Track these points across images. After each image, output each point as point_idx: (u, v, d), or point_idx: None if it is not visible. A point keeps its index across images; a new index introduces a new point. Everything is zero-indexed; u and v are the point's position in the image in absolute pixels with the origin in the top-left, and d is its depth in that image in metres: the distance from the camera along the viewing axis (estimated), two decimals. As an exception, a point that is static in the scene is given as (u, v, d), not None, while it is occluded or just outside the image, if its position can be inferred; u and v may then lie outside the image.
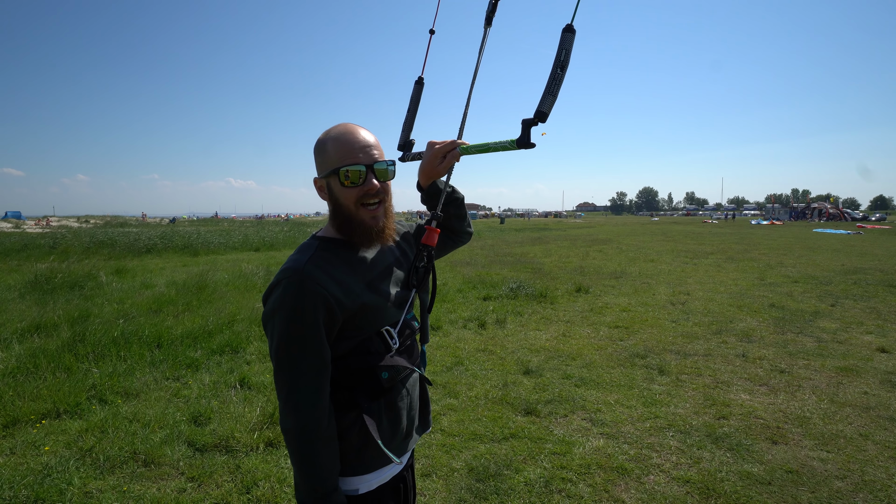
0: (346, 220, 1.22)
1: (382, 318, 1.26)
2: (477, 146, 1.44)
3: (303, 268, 1.15)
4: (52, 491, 2.83)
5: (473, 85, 1.48)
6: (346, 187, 1.19)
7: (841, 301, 8.04)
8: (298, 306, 1.13)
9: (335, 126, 1.24)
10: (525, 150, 1.36)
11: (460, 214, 1.53)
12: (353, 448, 1.24)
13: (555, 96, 1.27)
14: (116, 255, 16.31)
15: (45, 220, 54.79)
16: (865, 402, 4.06)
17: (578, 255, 15.84)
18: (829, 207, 58.94)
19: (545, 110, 1.27)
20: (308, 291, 1.13)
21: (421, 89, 1.73)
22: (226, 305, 7.31)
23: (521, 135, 1.32)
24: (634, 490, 2.89)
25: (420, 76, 1.74)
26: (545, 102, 1.27)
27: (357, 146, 1.20)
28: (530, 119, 1.30)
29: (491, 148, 1.41)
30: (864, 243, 20.23)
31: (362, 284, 1.23)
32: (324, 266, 1.18)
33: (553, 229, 38.01)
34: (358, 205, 1.21)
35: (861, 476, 2.99)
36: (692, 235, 26.76)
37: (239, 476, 3.03)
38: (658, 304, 8.04)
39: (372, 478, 1.28)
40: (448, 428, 3.67)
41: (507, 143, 1.36)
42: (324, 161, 1.22)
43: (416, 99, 1.73)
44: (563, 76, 1.26)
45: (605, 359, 5.24)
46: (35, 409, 3.81)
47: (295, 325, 1.13)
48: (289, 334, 1.14)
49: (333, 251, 1.23)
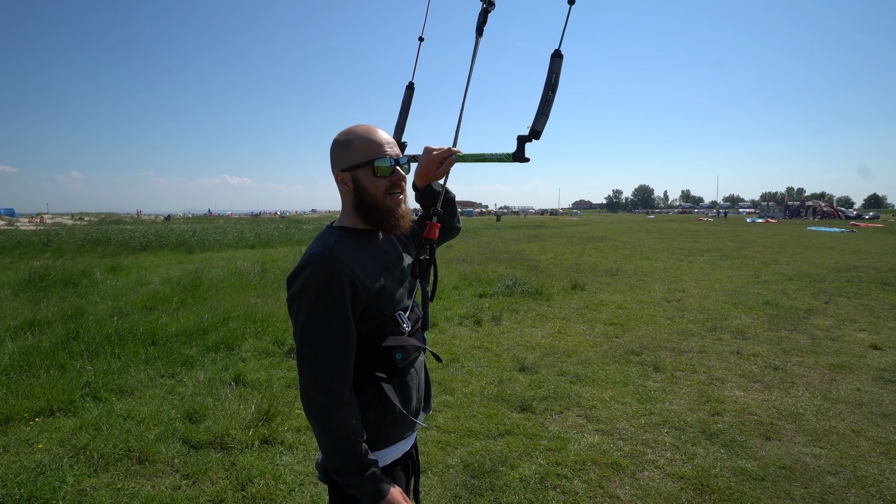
0: (375, 208, 1.33)
1: (395, 303, 1.35)
2: (473, 155, 1.54)
3: (330, 251, 1.23)
4: (46, 489, 2.82)
5: (466, 94, 1.61)
6: (377, 178, 1.31)
7: (834, 298, 8.09)
8: (327, 285, 1.20)
9: (356, 126, 1.35)
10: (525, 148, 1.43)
11: (452, 212, 1.67)
12: (372, 424, 1.31)
13: (547, 116, 1.40)
14: (111, 252, 16.23)
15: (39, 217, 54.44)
16: (858, 398, 4.09)
17: (574, 253, 15.87)
18: (824, 206, 59.25)
19: (539, 129, 1.40)
20: (336, 272, 1.21)
21: (412, 94, 1.86)
22: (221, 303, 7.28)
23: (516, 149, 1.43)
24: (629, 486, 2.91)
25: (411, 81, 1.86)
26: (539, 122, 1.39)
27: (384, 142, 1.32)
28: (525, 136, 1.42)
29: (487, 158, 1.52)
30: (858, 241, 20.35)
31: (381, 269, 1.33)
32: (348, 250, 1.27)
33: (549, 227, 38.06)
34: (386, 194, 1.33)
35: (853, 472, 3.01)
36: (687, 233, 26.86)
37: (234, 473, 3.03)
38: (653, 301, 8.07)
39: (387, 453, 1.35)
40: (444, 424, 3.68)
41: (504, 155, 1.47)
42: (350, 156, 1.32)
43: (408, 103, 1.86)
44: (553, 98, 1.39)
45: (600, 356, 5.26)
46: (28, 407, 3.79)
47: (324, 302, 1.20)
48: (317, 310, 1.20)
49: (354, 238, 1.32)
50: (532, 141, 1.42)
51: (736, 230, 30.36)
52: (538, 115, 1.39)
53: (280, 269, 10.98)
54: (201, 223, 42.26)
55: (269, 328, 6.05)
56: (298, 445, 3.37)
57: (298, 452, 3.29)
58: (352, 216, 1.37)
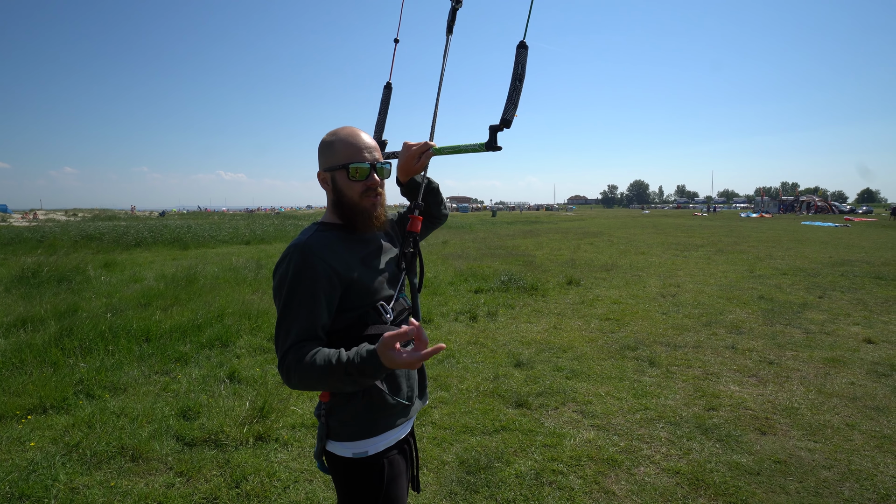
0: (350, 208, 1.39)
1: (376, 293, 1.40)
2: (448, 147, 1.62)
3: (304, 242, 1.32)
4: (38, 487, 2.79)
5: (440, 89, 1.67)
6: (353, 181, 1.37)
7: (829, 293, 8.13)
8: (302, 271, 1.29)
9: (341, 128, 1.42)
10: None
11: (437, 201, 1.73)
12: (360, 412, 1.37)
13: (516, 105, 1.47)
14: (105, 248, 16.13)
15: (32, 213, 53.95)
16: (852, 392, 4.11)
17: (570, 248, 15.88)
18: (818, 200, 59.52)
19: (509, 118, 1.47)
20: (309, 260, 1.29)
21: (389, 94, 1.93)
22: (215, 299, 7.24)
23: (489, 139, 1.51)
24: (625, 481, 2.91)
25: (388, 82, 1.93)
26: (508, 111, 1.46)
27: (363, 147, 1.38)
28: (496, 125, 1.49)
29: (462, 149, 1.60)
30: (852, 236, 20.46)
31: (357, 260, 1.39)
32: (323, 242, 1.35)
33: (545, 222, 38.09)
34: (361, 196, 1.39)
35: (848, 465, 3.02)
36: (682, 228, 26.93)
37: (228, 470, 3.01)
38: (648, 296, 8.08)
39: (380, 440, 1.41)
40: (439, 421, 3.67)
41: (477, 145, 1.55)
42: (331, 157, 1.38)
43: (386, 102, 1.92)
44: (521, 87, 1.46)
45: (595, 351, 5.26)
46: (20, 405, 3.76)
47: (297, 285, 1.28)
48: (291, 292, 1.29)
49: (331, 232, 1.40)
50: (503, 130, 1.49)
51: (730, 225, 30.46)
52: (507, 104, 1.46)
53: (275, 265, 10.92)
54: (195, 219, 42.05)
55: (264, 324, 6.02)
56: (293, 442, 3.35)
57: (293, 449, 3.27)
58: (332, 213, 1.45)
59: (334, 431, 1.39)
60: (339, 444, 1.39)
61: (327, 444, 1.41)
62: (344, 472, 1.41)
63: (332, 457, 1.43)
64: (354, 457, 1.39)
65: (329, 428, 1.39)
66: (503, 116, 1.47)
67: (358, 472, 1.40)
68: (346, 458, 1.40)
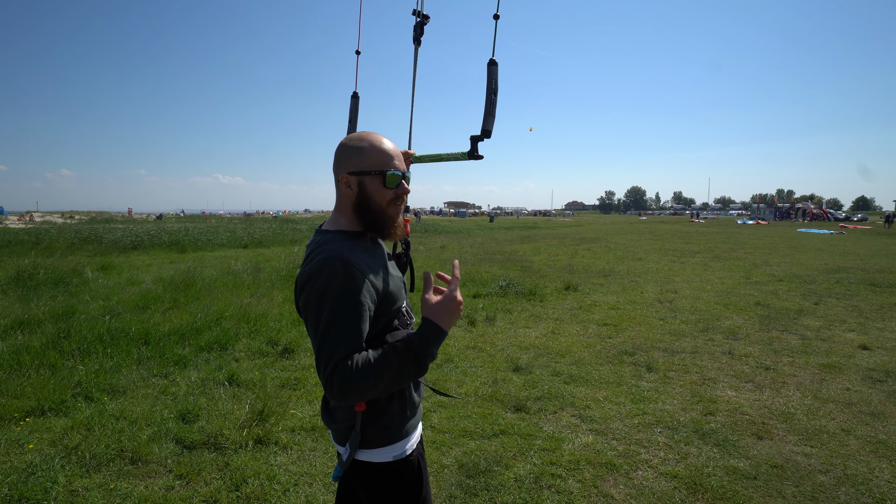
0: (378, 215, 1.37)
1: (399, 299, 1.41)
2: (430, 156, 1.68)
3: (342, 255, 1.26)
4: (37, 489, 2.79)
5: (413, 99, 1.75)
6: (385, 188, 1.35)
7: (824, 299, 8.18)
8: (347, 285, 1.23)
9: (369, 133, 1.40)
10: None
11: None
12: (397, 415, 1.38)
13: (493, 116, 1.56)
14: (102, 251, 16.09)
15: (29, 215, 53.74)
16: (848, 398, 4.14)
17: (567, 254, 15.92)
18: (813, 208, 59.88)
19: (489, 128, 1.55)
20: (352, 274, 1.24)
21: (357, 103, 2.00)
22: (214, 302, 7.24)
23: (470, 148, 1.58)
24: (623, 486, 2.93)
25: (354, 91, 2.00)
26: (487, 122, 1.55)
27: (396, 156, 1.38)
28: (477, 136, 1.57)
29: (444, 158, 1.65)
30: (847, 243, 20.59)
31: (382, 268, 1.37)
32: (357, 253, 1.30)
33: (542, 228, 38.18)
34: (389, 203, 1.38)
35: (843, 470, 3.05)
36: (679, 234, 27.04)
37: (227, 473, 3.01)
38: (646, 302, 8.12)
39: (412, 438, 1.44)
40: (438, 425, 3.68)
41: (459, 154, 1.61)
42: (362, 161, 1.35)
43: (355, 111, 1.98)
44: (496, 100, 1.56)
45: (593, 356, 5.28)
46: (19, 407, 3.75)
47: (343, 300, 1.23)
48: (337, 308, 1.22)
49: (355, 242, 1.35)
50: (483, 140, 1.57)
51: (727, 232, 30.60)
52: (486, 116, 1.55)
53: (273, 268, 10.92)
54: (194, 222, 41.97)
55: (263, 328, 6.02)
56: (293, 446, 3.36)
57: (293, 453, 3.28)
58: (349, 218, 1.40)
59: (370, 439, 1.35)
60: (377, 451, 1.37)
61: (358, 454, 1.36)
62: (380, 479, 1.38)
63: (364, 466, 1.37)
64: (395, 460, 1.38)
65: (364, 437, 1.35)
66: (483, 127, 1.55)
67: (396, 475, 1.39)
68: (382, 465, 1.37)
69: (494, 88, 1.55)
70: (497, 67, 1.57)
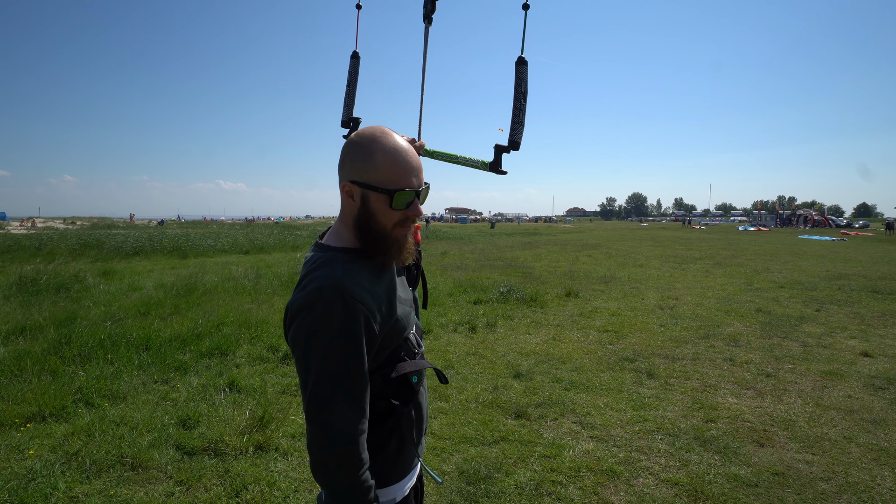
0: (380, 237, 1.15)
1: (407, 325, 1.22)
2: (444, 154, 1.50)
3: (340, 284, 1.05)
4: (37, 495, 2.79)
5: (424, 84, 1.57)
6: (392, 209, 1.12)
7: (826, 306, 8.17)
8: (342, 326, 1.04)
9: (382, 133, 1.14)
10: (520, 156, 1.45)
11: None
12: (392, 456, 1.21)
13: (522, 125, 1.37)
14: (103, 257, 16.12)
15: (31, 221, 53.87)
16: (849, 405, 4.13)
17: (568, 260, 15.92)
18: (814, 214, 59.87)
19: (517, 139, 1.37)
20: (349, 310, 1.04)
21: (357, 63, 1.74)
22: (215, 308, 7.25)
23: (493, 160, 1.40)
24: (624, 493, 2.92)
25: (355, 50, 1.73)
26: (516, 132, 1.36)
27: (411, 169, 1.12)
28: (504, 146, 1.38)
29: (460, 161, 1.48)
30: (848, 250, 20.56)
31: (387, 293, 1.16)
32: (356, 279, 1.09)
33: (543, 234, 38.20)
34: (395, 225, 1.15)
35: (845, 478, 3.04)
36: (680, 241, 27.03)
37: (228, 480, 3.01)
38: (647, 308, 8.11)
39: (406, 482, 1.26)
40: (438, 431, 3.67)
41: (479, 163, 1.43)
42: (368, 171, 1.11)
43: (355, 73, 1.72)
44: (525, 106, 1.36)
45: (594, 362, 5.28)
46: (19, 413, 3.75)
47: (340, 346, 1.04)
48: (334, 357, 1.05)
49: (358, 263, 1.13)
50: (510, 152, 1.38)
51: (728, 238, 30.58)
52: (514, 125, 1.34)
53: (274, 274, 10.93)
54: (195, 228, 42.05)
55: (264, 334, 6.03)
56: (293, 452, 3.35)
57: (293, 459, 3.28)
58: (351, 233, 1.18)
59: None
60: None
61: None
62: None
63: None
64: None
65: None
66: (510, 137, 1.35)
67: None
68: None
69: (524, 92, 1.34)
70: (527, 67, 1.35)
